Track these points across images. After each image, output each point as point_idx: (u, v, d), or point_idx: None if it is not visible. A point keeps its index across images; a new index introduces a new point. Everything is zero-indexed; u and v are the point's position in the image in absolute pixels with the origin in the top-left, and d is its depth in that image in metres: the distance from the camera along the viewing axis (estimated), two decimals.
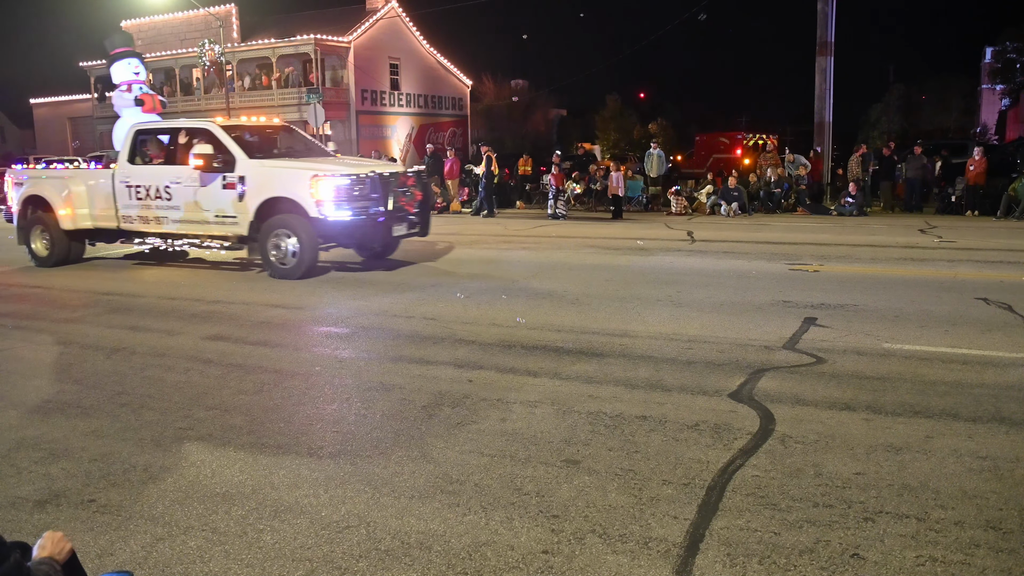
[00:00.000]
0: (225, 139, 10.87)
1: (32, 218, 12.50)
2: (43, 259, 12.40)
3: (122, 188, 11.59)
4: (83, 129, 46.04)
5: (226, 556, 3.31)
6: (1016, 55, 36.23)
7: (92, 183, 12.00)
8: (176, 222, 11.23)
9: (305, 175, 10.25)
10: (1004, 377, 5.57)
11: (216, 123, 11.48)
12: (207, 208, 10.91)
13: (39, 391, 5.62)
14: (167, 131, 12.20)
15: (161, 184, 11.25)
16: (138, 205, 11.48)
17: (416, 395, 5.39)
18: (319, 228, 10.24)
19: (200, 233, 11.15)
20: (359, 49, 38.13)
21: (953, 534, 3.34)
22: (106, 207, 11.85)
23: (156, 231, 11.52)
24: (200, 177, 10.79)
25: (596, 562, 3.19)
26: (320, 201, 10.10)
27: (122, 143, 12.02)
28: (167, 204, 11.21)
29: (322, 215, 10.12)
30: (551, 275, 10.39)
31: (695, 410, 4.96)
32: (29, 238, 12.51)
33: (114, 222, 11.83)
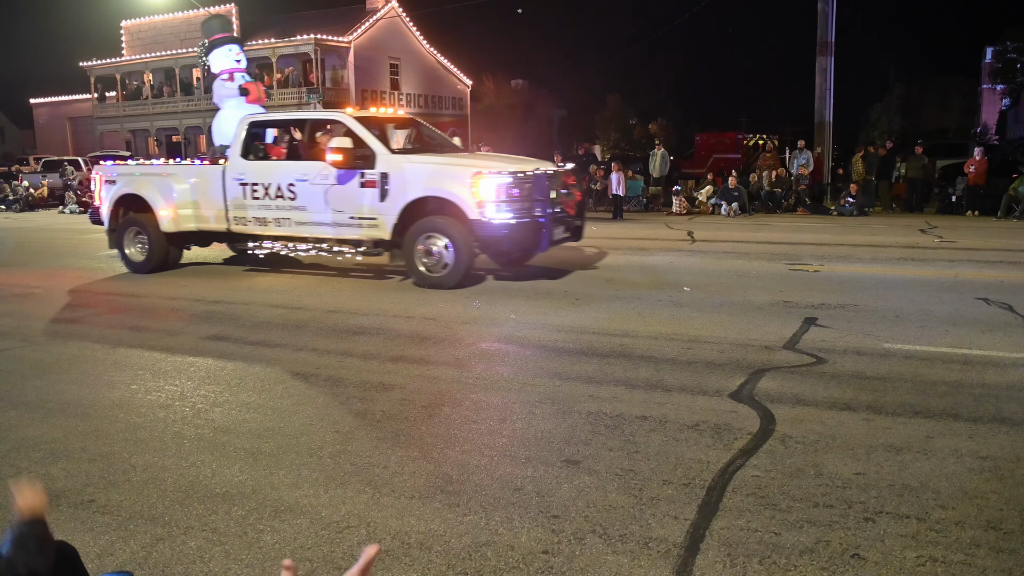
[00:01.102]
0: (362, 132, 9.75)
1: (126, 219, 11.48)
2: (138, 264, 11.36)
3: (235, 186, 10.48)
4: (83, 129, 46.06)
5: (226, 556, 3.31)
6: (1016, 55, 36.22)
7: (198, 181, 10.92)
8: (301, 224, 10.13)
9: (466, 172, 9.19)
10: (1005, 377, 5.56)
11: (350, 114, 10.35)
12: (340, 209, 9.78)
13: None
14: (287, 123, 11.22)
15: (283, 182, 10.11)
16: (254, 205, 10.39)
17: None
18: (479, 231, 9.14)
19: (329, 237, 10.02)
20: (359, 49, 38.15)
21: (954, 534, 3.34)
22: (215, 207, 10.75)
23: (275, 234, 10.44)
24: (333, 174, 9.70)
25: (596, 562, 3.19)
26: (482, 201, 8.99)
27: (232, 137, 10.91)
28: (290, 204, 10.09)
29: (484, 217, 9.01)
30: (550, 275, 10.38)
31: (695, 410, 4.96)
32: (122, 241, 11.45)
33: (223, 224, 10.75)
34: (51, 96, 48.38)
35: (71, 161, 31.84)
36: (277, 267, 11.48)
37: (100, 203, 11.91)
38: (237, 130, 10.76)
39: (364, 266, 11.01)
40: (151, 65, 41.31)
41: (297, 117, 10.96)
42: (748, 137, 26.77)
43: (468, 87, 46.59)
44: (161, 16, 40.45)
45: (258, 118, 11.15)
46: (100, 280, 11.03)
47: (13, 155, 47.20)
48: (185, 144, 41.41)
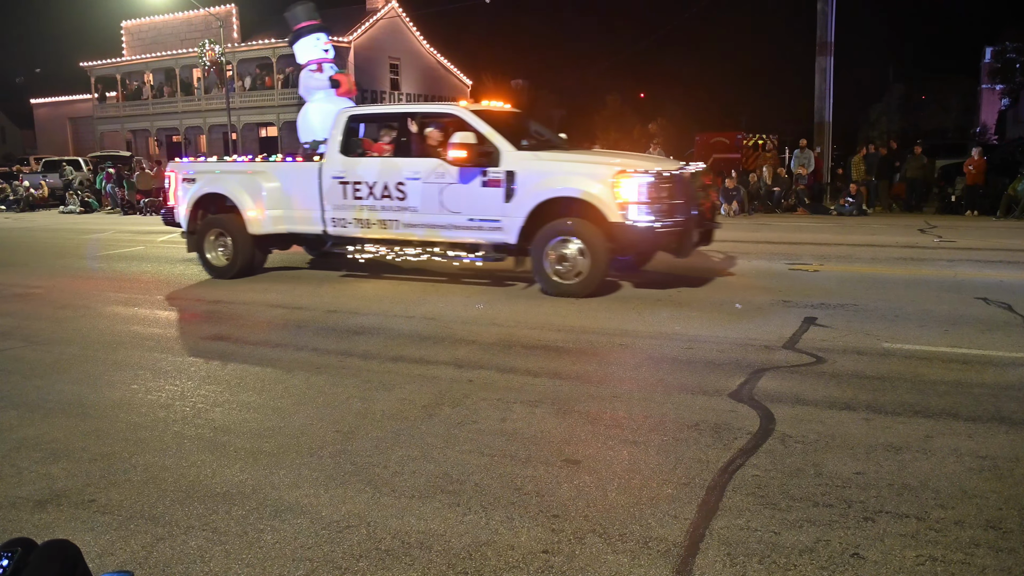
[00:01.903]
0: (483, 127, 8.99)
1: (207, 221, 10.67)
2: (221, 269, 10.59)
3: (333, 185, 9.74)
4: (83, 129, 46.07)
5: (226, 556, 3.31)
6: (1016, 55, 36.22)
7: (290, 179, 10.20)
8: (410, 227, 9.38)
9: (606, 171, 8.45)
10: (1004, 377, 5.57)
11: (466, 107, 9.72)
12: (457, 210, 9.04)
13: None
14: (392, 117, 10.45)
15: (392, 181, 9.37)
16: (356, 206, 9.63)
17: None
18: (619, 236, 8.41)
19: (444, 240, 9.27)
20: (359, 49, 38.15)
21: (953, 533, 3.35)
22: (309, 208, 10.00)
23: (379, 237, 9.67)
24: (452, 172, 8.99)
25: (596, 562, 3.19)
26: (625, 203, 8.26)
27: (328, 132, 10.17)
28: (399, 205, 9.36)
29: (627, 220, 8.29)
30: None
31: (695, 410, 4.96)
32: (203, 245, 10.68)
33: (318, 226, 10.01)
34: (51, 96, 48.37)
35: (70, 161, 31.84)
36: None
37: (175, 203, 11.06)
38: (334, 124, 9.98)
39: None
40: (151, 65, 41.33)
41: (404, 111, 10.17)
42: (748, 137, 26.77)
43: (468, 87, 46.58)
44: (161, 16, 40.45)
45: (358, 111, 10.36)
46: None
47: (13, 155, 47.21)
48: (185, 144, 41.41)
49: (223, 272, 10.60)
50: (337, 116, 10.04)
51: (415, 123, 9.94)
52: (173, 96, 40.79)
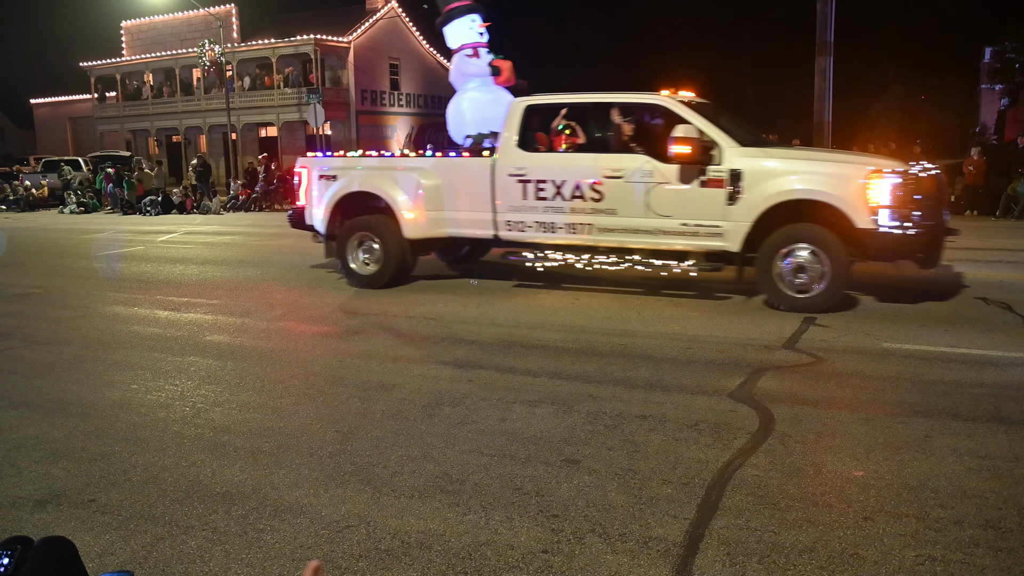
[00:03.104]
0: (699, 121, 7.95)
1: (354, 223, 9.55)
2: (368, 278, 9.47)
3: (509, 184, 8.69)
4: (83, 129, 46.07)
5: (226, 556, 3.31)
6: (1015, 55, 36.20)
7: (456, 176, 9.14)
8: (605, 232, 8.35)
9: (857, 171, 7.54)
10: (1003, 376, 5.57)
11: (674, 98, 8.55)
12: (668, 213, 8.01)
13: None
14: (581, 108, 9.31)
15: (585, 179, 8.30)
16: (538, 207, 8.58)
17: None
18: (866, 243, 7.47)
19: (645, 247, 8.26)
20: (359, 49, 38.15)
21: (952, 533, 3.35)
22: (478, 209, 8.95)
23: (564, 243, 8.63)
24: (663, 171, 7.98)
25: (596, 561, 3.20)
26: (876, 207, 7.33)
27: (501, 123, 9.02)
28: (593, 207, 8.30)
29: (878, 226, 7.35)
30: (549, 275, 10.38)
31: (695, 410, 4.96)
32: (345, 250, 9.60)
33: (488, 229, 8.96)
34: (51, 96, 48.37)
35: (70, 161, 31.84)
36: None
37: (307, 203, 9.94)
38: (507, 115, 8.93)
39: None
40: (151, 65, 41.32)
41: (596, 100, 8.88)
42: None
43: None
44: (161, 16, 40.44)
45: (538, 101, 9.12)
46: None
47: (13, 155, 47.21)
48: (185, 144, 41.41)
49: (371, 281, 9.45)
50: (511, 106, 8.97)
51: (617, 115, 8.80)
52: (173, 96, 40.77)
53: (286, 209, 24.78)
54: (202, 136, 41.32)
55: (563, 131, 9.22)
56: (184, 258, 13.30)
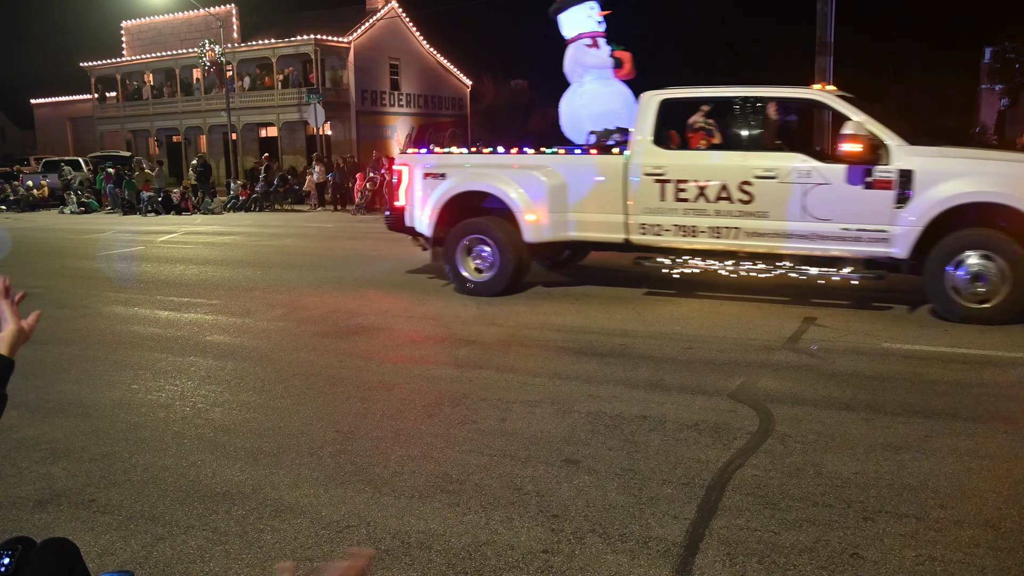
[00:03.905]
0: (863, 117, 7.38)
1: (466, 226, 8.89)
2: (482, 284, 8.76)
3: (646, 184, 8.08)
4: (83, 129, 46.06)
5: (226, 556, 3.32)
6: (1016, 55, 36.22)
7: (581, 175, 8.51)
8: (754, 236, 7.75)
9: None
10: (1003, 376, 5.57)
11: (833, 93, 8.07)
12: (826, 216, 7.43)
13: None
14: (727, 102, 8.62)
15: (734, 179, 7.72)
16: (677, 209, 7.99)
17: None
18: None
19: (796, 252, 7.68)
20: (359, 49, 38.15)
21: (952, 533, 3.35)
22: (607, 210, 8.34)
23: (706, 248, 8.04)
24: (823, 171, 7.42)
25: (596, 562, 3.20)
26: None
27: (639, 119, 8.31)
28: (740, 209, 7.73)
29: None
30: (549, 275, 10.39)
31: (695, 410, 4.96)
32: (455, 255, 8.91)
33: (618, 232, 8.35)
34: (51, 96, 48.38)
35: (70, 161, 31.83)
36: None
37: (408, 204, 9.31)
38: (641, 110, 8.30)
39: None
40: (151, 65, 41.32)
41: (744, 94, 8.21)
42: None
43: (468, 87, 46.59)
44: (161, 16, 40.43)
45: (674, 95, 8.44)
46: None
47: (14, 155, 47.21)
48: (186, 144, 41.41)
49: (485, 288, 8.74)
50: (644, 100, 8.34)
51: (770, 111, 8.23)
52: (173, 96, 40.76)
53: (286, 209, 24.88)
54: (202, 136, 41.32)
55: (701, 128, 8.71)
56: (184, 258, 13.31)
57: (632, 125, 8.65)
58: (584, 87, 9.91)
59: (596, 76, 9.89)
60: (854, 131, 7.17)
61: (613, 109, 9.78)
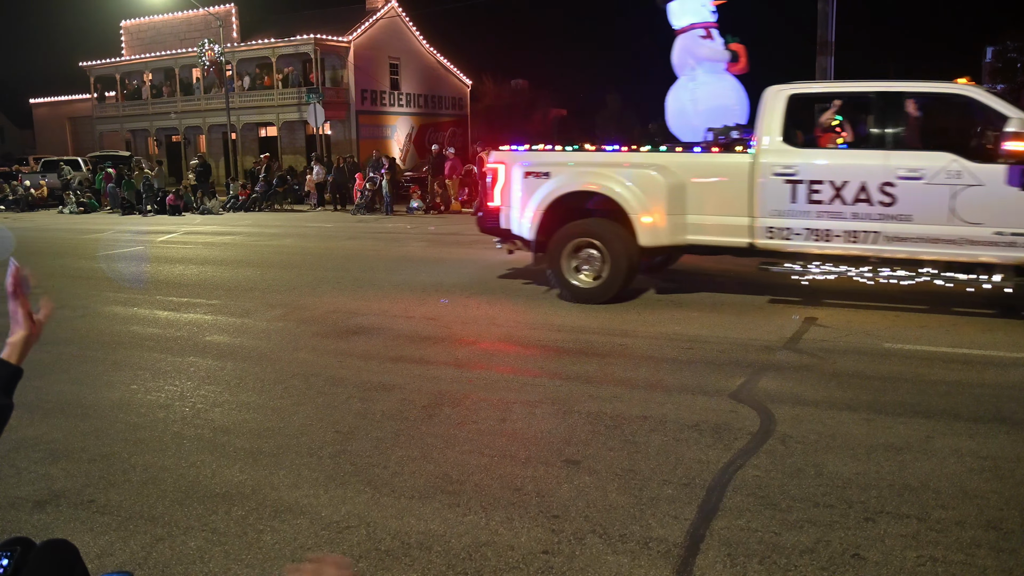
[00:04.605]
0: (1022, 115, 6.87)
1: (573, 228, 8.33)
2: (589, 291, 8.26)
3: (774, 184, 7.58)
4: (83, 129, 46.05)
5: (226, 556, 3.31)
6: (1017, 55, 36.23)
7: (701, 174, 8.02)
8: (894, 240, 7.26)
9: None
10: (1005, 377, 5.56)
11: (980, 87, 7.66)
12: (978, 220, 6.95)
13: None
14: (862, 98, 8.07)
15: (874, 180, 7.23)
16: (810, 212, 7.49)
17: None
18: None
19: (943, 258, 7.21)
20: (359, 49, 38.13)
21: (954, 534, 3.34)
22: (730, 212, 7.84)
23: (842, 253, 7.53)
24: (975, 172, 6.93)
25: (596, 562, 3.19)
26: None
27: (764, 116, 7.82)
28: (881, 212, 7.24)
29: None
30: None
31: (695, 410, 4.95)
32: (560, 260, 8.38)
33: (742, 236, 7.82)
34: (51, 96, 48.36)
35: (69, 161, 31.81)
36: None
37: (503, 204, 8.84)
38: (767, 106, 7.82)
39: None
40: (151, 65, 41.28)
41: (877, 90, 7.64)
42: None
43: (468, 87, 46.58)
44: (161, 16, 40.40)
45: (803, 90, 7.95)
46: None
47: (13, 155, 47.19)
48: (185, 144, 41.40)
49: (593, 295, 8.25)
50: (769, 96, 7.86)
51: (912, 107, 7.79)
52: (172, 96, 40.73)
53: (286, 209, 24.88)
54: (202, 136, 41.29)
55: (833, 126, 8.22)
56: (184, 258, 13.30)
57: (742, 121, 8.29)
58: (694, 82, 9.44)
59: (707, 69, 9.46)
60: (1018, 128, 6.67)
61: (726, 105, 9.38)
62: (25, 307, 2.21)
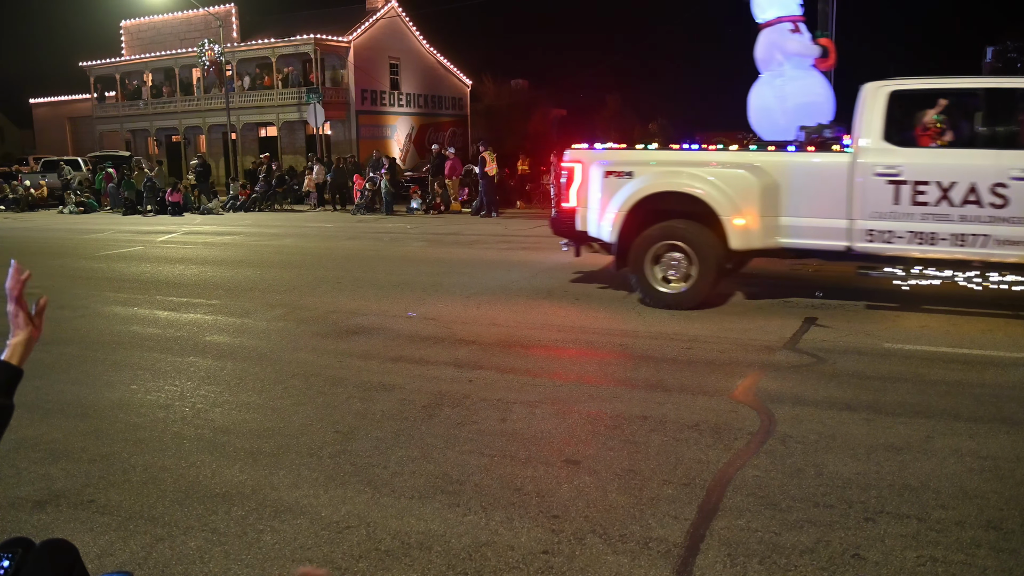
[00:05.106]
0: None
1: (655, 231, 7.98)
2: (676, 297, 7.93)
3: (876, 185, 7.28)
4: (83, 129, 46.04)
5: (226, 556, 3.30)
6: (1017, 55, 36.26)
7: (796, 174, 7.68)
8: (1007, 244, 6.96)
9: None
10: (1005, 377, 5.56)
11: None
12: None
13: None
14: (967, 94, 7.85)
15: (984, 181, 6.94)
16: (914, 214, 7.19)
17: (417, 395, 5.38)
18: None
19: None
20: (359, 49, 38.12)
21: (954, 534, 3.34)
22: (827, 214, 7.54)
23: (947, 257, 7.22)
24: None
25: (596, 562, 3.19)
26: None
27: (863, 114, 7.50)
28: (992, 215, 6.95)
29: None
30: (551, 275, 10.39)
31: (696, 410, 4.95)
32: (644, 264, 8.05)
33: (839, 239, 7.53)
34: (51, 96, 48.35)
35: (69, 161, 31.81)
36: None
37: (579, 205, 8.53)
38: (865, 103, 7.52)
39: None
40: (151, 65, 41.27)
41: (987, 86, 7.50)
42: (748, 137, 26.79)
43: (468, 87, 46.57)
44: (161, 16, 40.39)
45: (905, 86, 7.64)
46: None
47: (13, 155, 47.18)
48: (185, 144, 41.40)
49: (679, 300, 7.92)
50: (868, 92, 7.55)
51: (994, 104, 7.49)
52: (172, 96, 40.72)
53: (286, 209, 24.88)
54: (202, 136, 41.29)
55: (935, 124, 7.89)
56: (184, 258, 13.30)
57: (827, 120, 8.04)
58: (780, 78, 9.22)
59: (794, 65, 9.21)
60: None
61: (815, 101, 9.11)
62: (25, 309, 2.21)
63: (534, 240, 14.93)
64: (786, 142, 8.51)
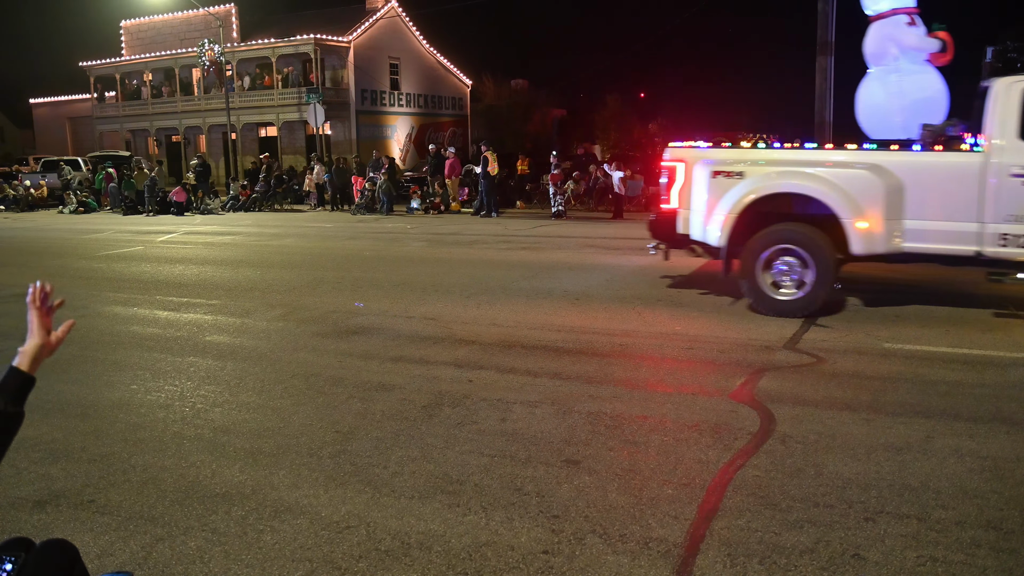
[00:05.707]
0: None
1: (768, 235, 7.61)
2: (789, 304, 7.53)
3: (1011, 186, 6.94)
4: (83, 129, 46.05)
5: (226, 556, 3.30)
6: (1017, 55, 36.32)
7: (922, 175, 7.30)
8: None
9: None
10: (1005, 377, 5.56)
11: None
12: None
13: None
14: None
15: None
16: None
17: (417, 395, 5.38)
18: None
19: None
20: (359, 49, 38.13)
21: (954, 534, 3.34)
22: (955, 217, 7.16)
23: None
24: None
25: (596, 562, 3.19)
26: None
27: (995, 111, 7.18)
28: None
29: None
30: (551, 275, 10.39)
31: (696, 410, 4.95)
32: (755, 269, 7.66)
33: (969, 244, 7.14)
34: (51, 96, 48.35)
35: (69, 161, 31.81)
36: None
37: (682, 207, 8.13)
38: (997, 99, 7.21)
39: None
40: (151, 65, 41.29)
41: None
42: (748, 137, 26.77)
43: (468, 87, 46.57)
44: (161, 16, 40.41)
45: None
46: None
47: (13, 155, 47.18)
48: (185, 144, 41.40)
49: (794, 307, 7.50)
50: (1000, 88, 7.31)
51: None
52: (172, 96, 40.75)
53: (286, 209, 24.88)
54: (202, 136, 41.30)
55: None
56: (184, 258, 13.30)
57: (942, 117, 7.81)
58: (896, 73, 8.82)
59: (909, 59, 8.86)
60: None
61: (932, 97, 8.81)
62: (43, 318, 2.23)
63: (534, 240, 14.94)
64: (911, 140, 8.15)
